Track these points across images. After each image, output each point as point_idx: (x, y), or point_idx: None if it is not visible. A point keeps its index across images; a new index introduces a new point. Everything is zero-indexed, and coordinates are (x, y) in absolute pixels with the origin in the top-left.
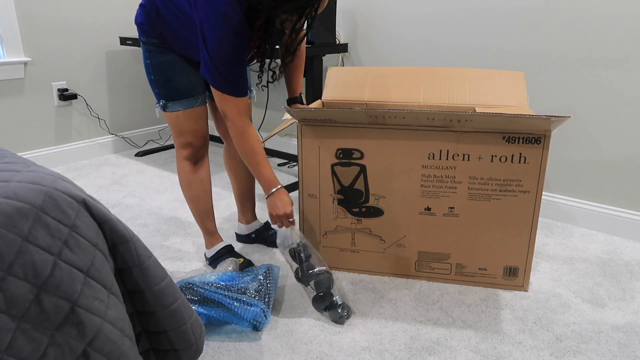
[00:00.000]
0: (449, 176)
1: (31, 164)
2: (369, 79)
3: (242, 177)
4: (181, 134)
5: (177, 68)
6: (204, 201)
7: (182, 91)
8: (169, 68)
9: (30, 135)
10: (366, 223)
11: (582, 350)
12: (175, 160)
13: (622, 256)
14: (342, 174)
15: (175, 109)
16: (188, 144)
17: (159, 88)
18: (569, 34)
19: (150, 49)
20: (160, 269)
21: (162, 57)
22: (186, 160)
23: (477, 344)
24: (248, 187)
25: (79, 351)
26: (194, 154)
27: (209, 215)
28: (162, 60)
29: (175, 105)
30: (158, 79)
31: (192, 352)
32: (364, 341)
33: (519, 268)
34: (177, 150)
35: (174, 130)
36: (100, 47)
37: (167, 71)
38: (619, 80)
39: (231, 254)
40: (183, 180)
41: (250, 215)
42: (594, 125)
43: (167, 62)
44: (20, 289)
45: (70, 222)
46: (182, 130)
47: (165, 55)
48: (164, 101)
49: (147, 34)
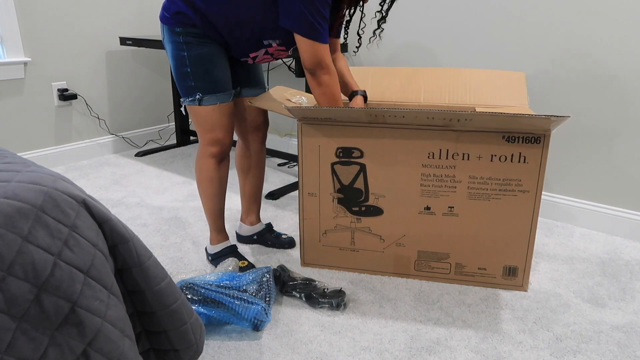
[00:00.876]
0: (448, 175)
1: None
2: (369, 79)
3: (253, 178)
4: (213, 129)
5: (215, 60)
6: (220, 200)
7: (220, 84)
8: (209, 60)
9: (30, 135)
10: (366, 222)
11: (582, 350)
12: (174, 160)
13: (622, 256)
14: (342, 173)
15: (211, 102)
16: (218, 141)
17: (195, 81)
18: (569, 34)
19: (189, 39)
20: (160, 269)
21: (201, 48)
22: (212, 158)
23: (477, 344)
24: (257, 189)
25: (79, 351)
26: (221, 151)
27: (221, 213)
28: (202, 52)
29: (211, 98)
30: (196, 71)
31: (192, 352)
32: (364, 341)
33: (518, 268)
34: (204, 147)
35: (205, 125)
36: (100, 47)
37: (206, 63)
38: (619, 79)
39: (234, 255)
40: (205, 177)
41: (254, 218)
42: (594, 125)
43: (206, 54)
44: (21, 289)
45: (70, 222)
46: (215, 126)
47: (204, 47)
48: (201, 94)
49: (185, 23)
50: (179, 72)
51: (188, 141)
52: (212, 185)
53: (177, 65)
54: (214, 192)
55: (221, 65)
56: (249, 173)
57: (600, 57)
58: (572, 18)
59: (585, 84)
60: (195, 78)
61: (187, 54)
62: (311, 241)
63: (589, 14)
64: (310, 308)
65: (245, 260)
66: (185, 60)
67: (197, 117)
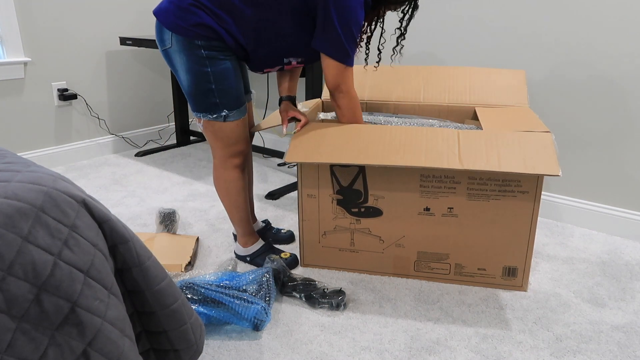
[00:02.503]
0: (447, 176)
1: (31, 164)
2: (368, 78)
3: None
4: (237, 143)
5: (236, 75)
6: (248, 206)
7: (241, 99)
8: (232, 75)
9: (30, 135)
10: (365, 223)
11: (582, 350)
12: (174, 160)
13: (622, 256)
14: (341, 175)
15: (236, 117)
16: (240, 152)
17: (220, 97)
18: (569, 34)
19: (213, 54)
20: (160, 269)
21: (224, 64)
22: (236, 169)
23: (477, 344)
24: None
25: (79, 351)
26: (244, 161)
27: (249, 218)
28: (225, 68)
29: (237, 114)
30: (221, 88)
31: (192, 352)
32: (364, 341)
33: (517, 268)
34: (226, 159)
35: (228, 140)
36: (100, 47)
37: (230, 78)
38: (619, 80)
39: (272, 250)
40: (234, 188)
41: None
42: (594, 125)
43: (229, 69)
44: (20, 289)
45: (70, 222)
46: (238, 139)
47: (226, 62)
48: (227, 111)
49: (210, 37)
50: (199, 88)
51: (188, 141)
52: (239, 195)
53: (196, 80)
54: (243, 201)
55: (239, 78)
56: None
57: (600, 57)
58: (573, 21)
59: (585, 84)
60: (220, 95)
61: (210, 69)
62: (311, 242)
63: (591, 14)
64: (310, 308)
65: (287, 252)
66: (209, 77)
67: (219, 133)
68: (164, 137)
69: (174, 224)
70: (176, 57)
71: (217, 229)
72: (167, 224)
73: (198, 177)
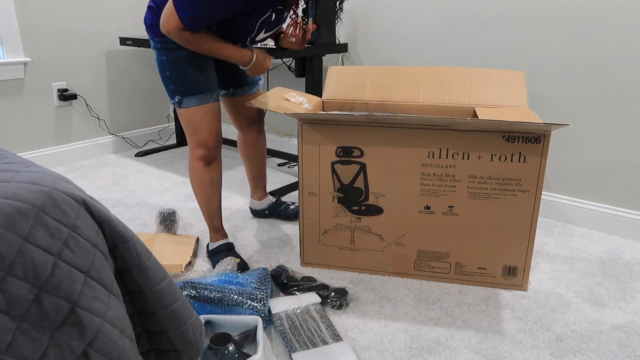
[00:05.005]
0: (448, 175)
1: (31, 164)
2: (369, 79)
3: (255, 161)
4: (196, 132)
5: (192, 63)
6: (214, 201)
7: (197, 86)
8: (185, 63)
9: (30, 135)
10: (366, 221)
11: (582, 350)
12: (174, 160)
13: (622, 256)
14: (342, 172)
15: (190, 104)
16: (202, 143)
17: (174, 84)
18: (569, 34)
19: (169, 46)
20: (161, 269)
21: (178, 52)
22: (200, 161)
23: (477, 344)
24: (259, 170)
25: (79, 351)
26: (207, 154)
27: (217, 213)
28: (179, 56)
29: (190, 100)
30: (174, 74)
31: (192, 352)
32: (364, 341)
33: (518, 267)
34: (191, 149)
35: (188, 128)
36: (100, 47)
37: (182, 66)
38: (620, 80)
39: (229, 252)
40: (195, 180)
41: (261, 193)
42: (594, 125)
43: (182, 57)
44: (20, 289)
45: (70, 222)
46: (197, 128)
47: (181, 51)
48: (179, 97)
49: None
50: (161, 76)
51: None
52: (203, 188)
53: (159, 69)
54: (206, 195)
55: (199, 66)
56: (251, 157)
57: (601, 57)
58: (574, 18)
59: (585, 84)
60: (173, 81)
61: (165, 57)
62: (311, 240)
63: (591, 14)
64: None
65: (239, 257)
66: (164, 64)
67: (182, 120)
68: (164, 137)
69: (174, 224)
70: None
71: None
72: (167, 224)
73: None
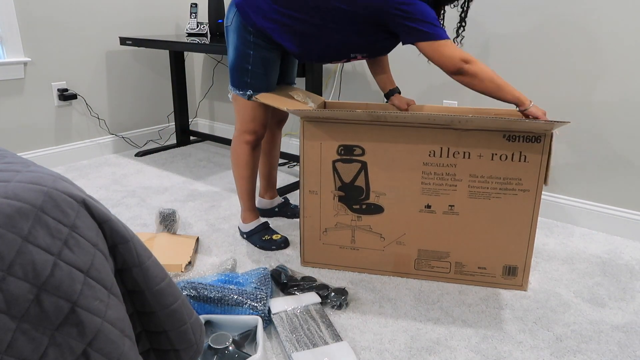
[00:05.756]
0: (449, 174)
1: (31, 164)
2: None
3: (272, 157)
4: (252, 121)
5: (273, 66)
6: (253, 181)
7: (270, 86)
8: (269, 64)
9: (30, 135)
10: (366, 220)
11: (582, 350)
12: (174, 160)
13: (622, 256)
14: (343, 171)
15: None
16: (254, 131)
17: (252, 79)
18: (569, 34)
19: (259, 42)
20: (161, 269)
21: (268, 53)
22: (247, 145)
23: (477, 344)
24: (275, 167)
25: (79, 351)
26: (255, 140)
27: (253, 194)
28: (268, 57)
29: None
30: (255, 71)
31: (192, 352)
32: (364, 341)
33: (518, 267)
34: (241, 134)
35: (246, 116)
36: (100, 47)
37: (267, 67)
38: (619, 79)
39: (267, 231)
40: (242, 160)
41: (273, 192)
42: (594, 125)
43: (271, 59)
44: (20, 289)
45: (70, 222)
46: (254, 118)
47: (271, 52)
48: (252, 92)
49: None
50: (238, 65)
51: (188, 141)
52: (246, 169)
53: (238, 58)
54: (248, 175)
55: (276, 68)
56: (269, 154)
57: (600, 57)
58: (573, 18)
59: (585, 84)
60: (252, 76)
61: (253, 53)
62: (311, 239)
63: (590, 14)
64: None
65: (278, 234)
66: (249, 58)
67: (242, 108)
68: (164, 137)
69: (174, 224)
70: (231, 35)
71: (217, 229)
72: (167, 224)
73: (198, 177)
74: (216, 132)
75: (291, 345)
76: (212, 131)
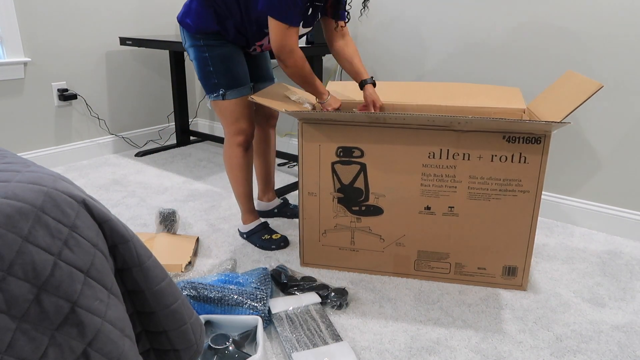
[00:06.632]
0: (449, 175)
1: (31, 164)
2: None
3: (267, 157)
4: (237, 121)
5: (234, 59)
6: (249, 184)
7: (239, 79)
8: (227, 59)
9: (30, 135)
10: (366, 222)
11: (582, 350)
12: (174, 160)
13: (622, 256)
14: (343, 172)
15: (233, 96)
16: (242, 131)
17: (218, 78)
18: (567, 35)
19: (210, 42)
20: (161, 269)
21: (221, 49)
22: (239, 147)
23: (477, 344)
24: (271, 167)
25: (79, 351)
26: (246, 140)
27: (251, 195)
28: (222, 52)
29: (233, 93)
30: (218, 69)
31: (192, 352)
32: (364, 341)
33: (517, 268)
34: (231, 137)
35: (229, 118)
36: (100, 47)
37: (226, 62)
38: (619, 80)
39: (267, 231)
40: (235, 164)
41: (271, 194)
42: (594, 125)
43: (226, 53)
44: (20, 289)
45: (70, 222)
46: (239, 117)
47: (224, 47)
48: (224, 90)
49: (207, 30)
50: (203, 72)
51: (188, 141)
52: (241, 171)
53: (199, 66)
54: (244, 177)
55: (239, 62)
56: (265, 156)
57: (600, 57)
58: (571, 18)
59: None
60: (217, 75)
61: (208, 54)
62: (311, 241)
63: (588, 14)
64: None
65: (278, 234)
66: (207, 61)
67: (223, 111)
68: (164, 137)
69: (174, 224)
70: (189, 51)
71: (217, 229)
72: (167, 224)
73: (198, 177)
74: (216, 132)
75: (291, 345)
76: (212, 131)
